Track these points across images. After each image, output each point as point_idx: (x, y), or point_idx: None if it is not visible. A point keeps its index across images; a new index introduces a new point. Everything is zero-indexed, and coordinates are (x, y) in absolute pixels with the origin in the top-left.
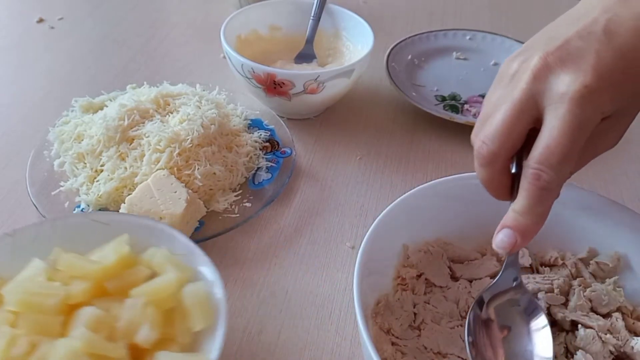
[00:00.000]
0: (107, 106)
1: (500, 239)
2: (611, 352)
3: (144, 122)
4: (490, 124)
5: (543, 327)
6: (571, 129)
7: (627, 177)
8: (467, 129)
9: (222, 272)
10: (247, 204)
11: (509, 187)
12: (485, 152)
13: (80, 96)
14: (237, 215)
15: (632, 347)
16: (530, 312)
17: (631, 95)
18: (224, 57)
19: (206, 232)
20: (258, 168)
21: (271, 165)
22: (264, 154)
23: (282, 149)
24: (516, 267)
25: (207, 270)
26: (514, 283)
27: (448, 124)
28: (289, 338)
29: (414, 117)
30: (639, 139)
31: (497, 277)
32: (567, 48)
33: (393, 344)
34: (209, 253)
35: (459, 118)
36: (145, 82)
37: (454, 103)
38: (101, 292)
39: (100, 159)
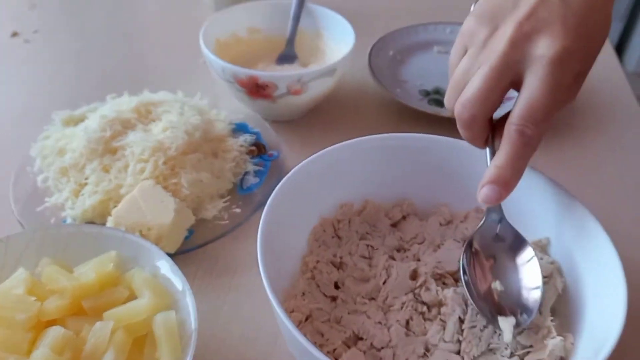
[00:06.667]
0: (88, 118)
1: (485, 193)
2: None
3: (126, 133)
4: (469, 88)
5: (530, 259)
6: (552, 87)
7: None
8: (453, 122)
9: (214, 280)
10: (237, 210)
11: (487, 139)
12: (467, 115)
13: (60, 109)
14: (227, 221)
15: None
16: (516, 248)
17: (590, 56)
18: (204, 61)
19: (196, 240)
20: (246, 173)
21: (259, 169)
22: (251, 158)
23: (269, 152)
24: (499, 210)
25: (187, 297)
26: (499, 225)
27: (433, 118)
28: (286, 344)
29: (399, 112)
30: None
31: (482, 221)
32: (537, 17)
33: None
34: (200, 262)
35: (443, 112)
36: (125, 92)
37: (438, 97)
38: (78, 310)
39: (84, 172)
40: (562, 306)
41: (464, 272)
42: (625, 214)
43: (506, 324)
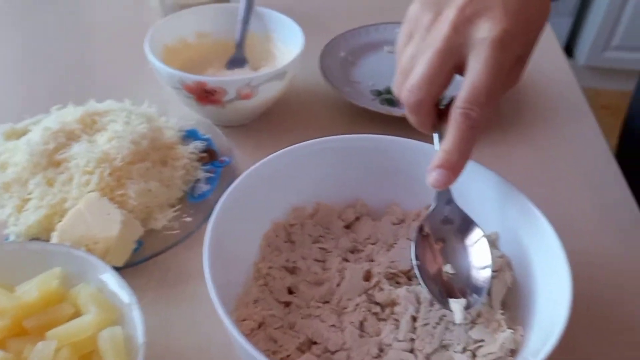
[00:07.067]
0: (31, 131)
1: (434, 177)
2: None
3: (70, 145)
4: (414, 74)
5: (478, 239)
6: (494, 69)
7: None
8: (405, 121)
9: (166, 291)
10: (188, 219)
11: (435, 124)
12: (414, 100)
13: (2, 123)
14: (178, 231)
15: None
16: (464, 229)
17: (530, 40)
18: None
19: (145, 252)
20: (197, 180)
21: (210, 176)
22: (202, 165)
23: (221, 159)
24: (448, 193)
25: (134, 311)
26: (448, 207)
27: (386, 118)
28: None
29: (352, 114)
30: None
31: (433, 205)
32: (478, 1)
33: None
34: (150, 273)
35: (395, 111)
36: (70, 103)
37: (390, 97)
38: (20, 331)
39: (28, 186)
40: (512, 299)
41: (416, 257)
42: (572, 208)
43: (457, 305)
